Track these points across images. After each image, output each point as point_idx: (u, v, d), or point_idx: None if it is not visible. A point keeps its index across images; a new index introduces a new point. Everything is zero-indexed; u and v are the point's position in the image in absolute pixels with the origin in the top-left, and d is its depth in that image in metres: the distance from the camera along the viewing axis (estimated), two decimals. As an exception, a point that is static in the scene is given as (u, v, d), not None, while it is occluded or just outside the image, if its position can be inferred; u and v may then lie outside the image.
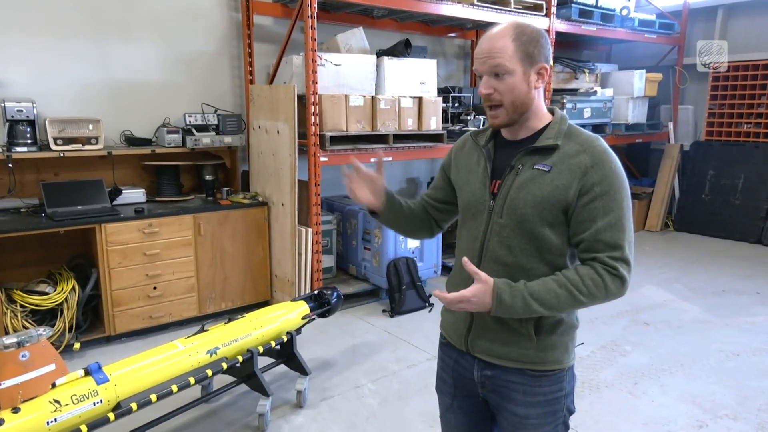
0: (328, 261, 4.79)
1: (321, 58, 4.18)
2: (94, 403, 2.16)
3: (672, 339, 3.97)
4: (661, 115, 7.49)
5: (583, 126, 1.70)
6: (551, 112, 1.53)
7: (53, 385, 2.13)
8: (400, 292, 4.44)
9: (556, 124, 1.48)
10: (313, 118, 4.09)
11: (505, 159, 1.51)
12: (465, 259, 1.45)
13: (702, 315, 4.42)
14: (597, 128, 6.19)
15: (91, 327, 3.84)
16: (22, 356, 2.04)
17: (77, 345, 2.72)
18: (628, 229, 1.41)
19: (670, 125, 7.33)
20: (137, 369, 2.38)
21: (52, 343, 2.35)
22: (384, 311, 4.46)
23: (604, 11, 6.10)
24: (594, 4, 6.00)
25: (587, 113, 6.10)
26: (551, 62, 1.49)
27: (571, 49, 7.18)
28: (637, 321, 4.26)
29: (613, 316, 4.31)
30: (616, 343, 3.90)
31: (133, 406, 2.27)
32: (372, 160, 1.81)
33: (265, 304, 4.10)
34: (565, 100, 5.88)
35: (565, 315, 1.51)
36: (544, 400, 1.52)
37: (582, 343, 3.61)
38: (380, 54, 4.71)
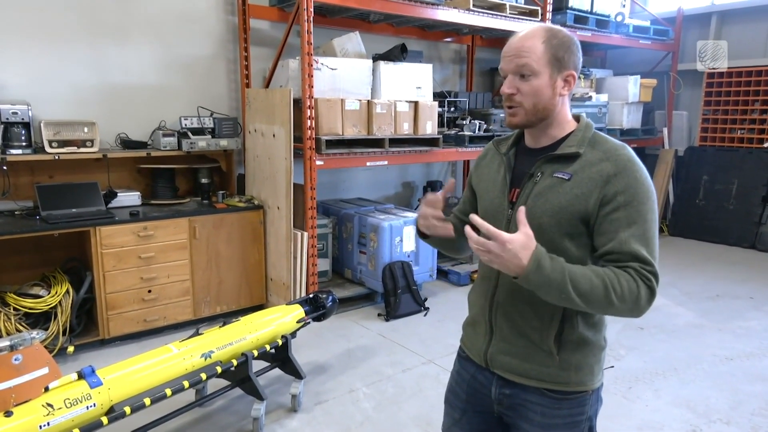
0: (324, 265, 4.79)
1: (317, 62, 4.18)
2: (87, 407, 2.16)
3: (666, 343, 3.98)
4: (655, 121, 7.54)
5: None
6: (577, 119, 1.48)
7: (46, 389, 2.12)
8: (396, 296, 4.44)
9: (580, 132, 1.43)
10: (309, 121, 4.09)
11: (526, 167, 1.46)
12: (493, 222, 1.34)
13: (696, 320, 4.44)
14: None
15: (85, 330, 3.83)
16: (15, 359, 2.03)
17: (71, 348, 2.71)
18: (653, 243, 1.33)
19: (665, 131, 7.38)
20: (131, 373, 2.37)
21: (45, 347, 2.34)
22: (379, 315, 4.46)
23: (599, 17, 6.15)
24: (589, 10, 6.05)
25: (582, 118, 6.13)
26: (580, 70, 1.44)
27: (566, 55, 7.20)
28: (632, 325, 4.27)
29: (607, 320, 4.30)
30: (610, 347, 3.85)
31: (127, 410, 2.26)
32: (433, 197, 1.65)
33: (260, 307, 4.10)
34: (560, 105, 5.91)
35: (591, 334, 1.45)
36: (563, 423, 1.46)
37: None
38: (376, 58, 4.72)
